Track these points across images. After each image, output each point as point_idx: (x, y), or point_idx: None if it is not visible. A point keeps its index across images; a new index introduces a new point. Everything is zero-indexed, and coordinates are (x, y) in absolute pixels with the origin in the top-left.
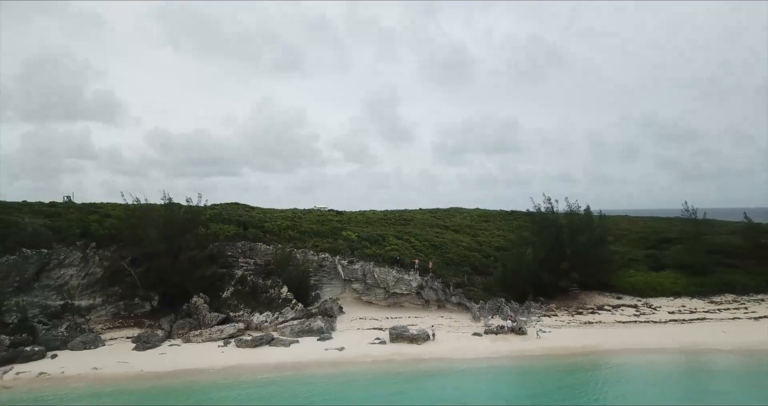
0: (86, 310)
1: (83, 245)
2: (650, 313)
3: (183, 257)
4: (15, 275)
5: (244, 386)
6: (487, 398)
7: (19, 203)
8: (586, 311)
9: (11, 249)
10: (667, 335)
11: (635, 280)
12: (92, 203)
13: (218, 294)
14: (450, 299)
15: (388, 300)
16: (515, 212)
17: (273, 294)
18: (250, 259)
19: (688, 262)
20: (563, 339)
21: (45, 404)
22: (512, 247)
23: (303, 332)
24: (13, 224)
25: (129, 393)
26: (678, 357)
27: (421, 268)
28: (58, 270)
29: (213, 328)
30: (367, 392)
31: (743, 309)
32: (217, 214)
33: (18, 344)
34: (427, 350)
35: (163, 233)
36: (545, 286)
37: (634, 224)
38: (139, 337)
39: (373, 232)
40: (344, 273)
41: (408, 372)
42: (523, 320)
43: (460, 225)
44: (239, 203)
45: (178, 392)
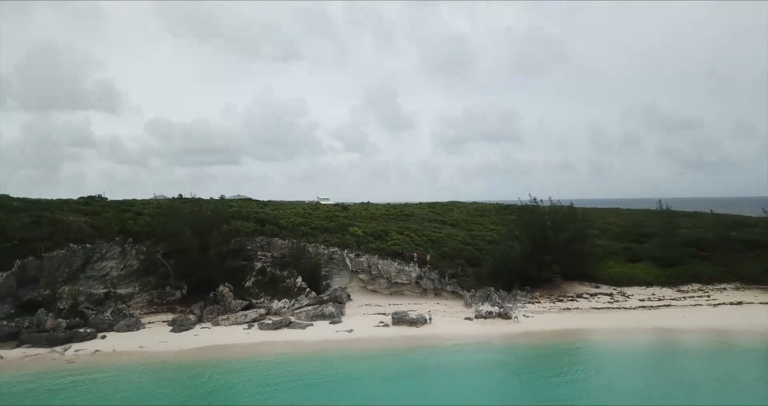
0: (127, 297)
1: (121, 241)
2: (623, 300)
3: (212, 251)
4: (64, 267)
5: (267, 360)
6: (474, 367)
7: (59, 201)
8: (567, 299)
9: (60, 244)
10: (633, 319)
11: (612, 271)
12: (123, 200)
13: (241, 283)
14: (445, 288)
15: (390, 289)
16: (510, 206)
17: (289, 283)
18: (268, 252)
19: (661, 255)
20: (543, 323)
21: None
22: (502, 241)
23: (316, 316)
24: (60, 222)
25: (171, 365)
26: (638, 336)
27: (420, 260)
28: (101, 262)
29: (238, 313)
30: (372, 365)
31: (706, 297)
32: (236, 212)
33: (73, 326)
34: (424, 332)
35: (193, 230)
36: (530, 276)
37: (620, 217)
38: (174, 321)
39: (377, 227)
40: (352, 265)
41: (408, 350)
42: (510, 306)
43: (457, 220)
44: (250, 198)
45: (211, 364)
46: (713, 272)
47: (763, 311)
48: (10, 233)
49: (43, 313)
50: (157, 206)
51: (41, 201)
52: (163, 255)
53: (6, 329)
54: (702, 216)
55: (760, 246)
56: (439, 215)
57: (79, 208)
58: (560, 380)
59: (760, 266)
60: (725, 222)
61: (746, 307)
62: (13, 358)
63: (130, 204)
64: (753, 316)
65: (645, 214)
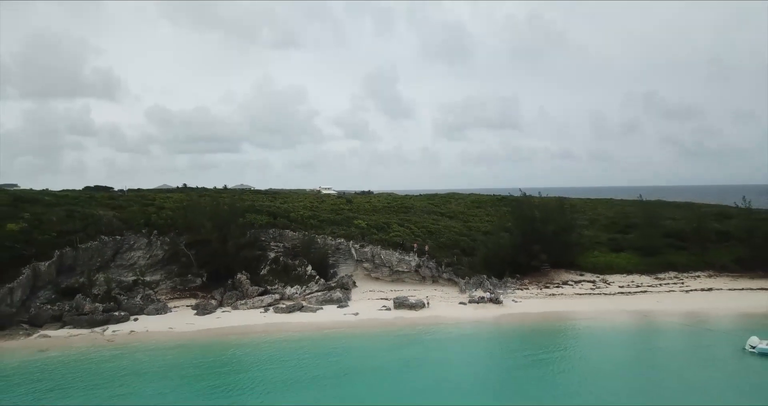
0: (153, 284)
1: (147, 233)
2: (604, 287)
3: (230, 242)
4: (97, 257)
5: (282, 339)
6: (466, 343)
7: (86, 196)
8: (553, 286)
9: (93, 236)
10: (611, 304)
11: (596, 260)
12: (142, 192)
13: (257, 271)
14: (442, 276)
15: (392, 276)
16: (506, 197)
17: (300, 271)
18: (280, 243)
19: (642, 245)
20: (530, 307)
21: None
22: (494, 232)
23: (325, 301)
24: (92, 216)
25: (198, 343)
26: (614, 318)
27: (419, 250)
28: (129, 253)
29: (255, 298)
30: (376, 342)
31: (680, 284)
32: (250, 205)
33: (108, 310)
34: (423, 314)
35: (213, 224)
36: (520, 265)
37: (610, 208)
38: (197, 305)
39: (380, 219)
40: (357, 255)
41: (408, 330)
42: (500, 292)
43: (454, 211)
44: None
45: (233, 341)
46: (688, 261)
47: (728, 297)
48: (48, 226)
49: (81, 298)
50: (178, 200)
51: (69, 195)
52: (185, 245)
53: (50, 312)
54: (691, 206)
55: (733, 237)
56: (438, 206)
57: (105, 202)
58: (542, 352)
59: (731, 255)
60: (708, 214)
61: (715, 293)
62: (59, 337)
63: (151, 198)
64: (718, 301)
65: (635, 204)
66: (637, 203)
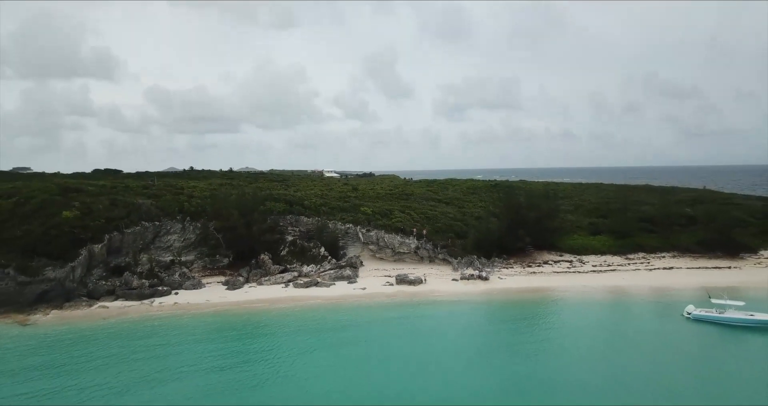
0: (188, 263)
1: (181, 219)
2: (579, 266)
3: (254, 228)
4: (139, 240)
5: (302, 309)
6: (456, 310)
7: (123, 186)
8: (535, 265)
9: (135, 222)
10: (583, 280)
11: (575, 242)
12: (168, 180)
13: (277, 252)
14: (438, 256)
15: (394, 257)
16: (498, 184)
17: (315, 252)
18: (296, 227)
19: (616, 229)
20: (513, 283)
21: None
22: (485, 217)
23: (337, 278)
24: (133, 205)
25: (232, 312)
26: (584, 292)
27: (418, 234)
28: (166, 236)
29: (276, 275)
30: (381, 312)
31: (646, 263)
32: (269, 194)
33: (153, 285)
34: (420, 289)
35: (239, 212)
36: (507, 246)
37: (596, 194)
38: (227, 281)
39: (383, 206)
40: (363, 238)
41: (408, 301)
42: (488, 270)
43: (451, 198)
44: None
45: (260, 310)
46: (656, 243)
47: (684, 274)
48: (97, 213)
49: (129, 275)
50: (203, 189)
51: (107, 185)
52: (214, 230)
53: (105, 287)
54: (670, 192)
55: (697, 222)
56: (436, 193)
57: (140, 191)
58: (519, 317)
59: (693, 238)
60: (684, 199)
61: (675, 271)
62: (115, 307)
63: (180, 187)
64: (675, 278)
65: (623, 189)
66: (616, 189)
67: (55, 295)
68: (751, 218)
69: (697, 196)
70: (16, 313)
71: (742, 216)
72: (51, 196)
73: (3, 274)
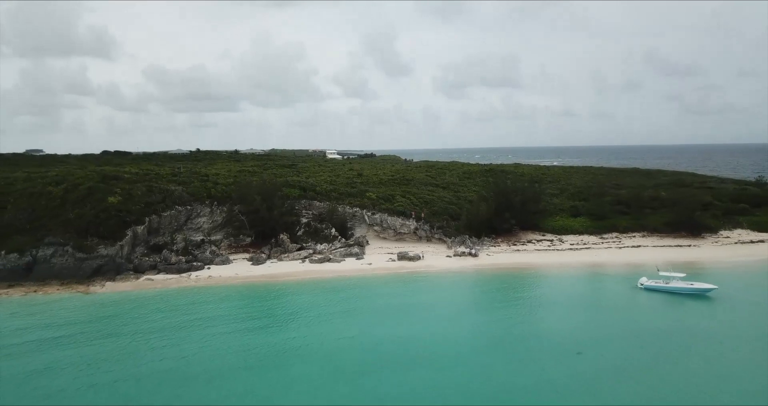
0: (217, 242)
1: (209, 203)
2: (559, 245)
3: (275, 211)
4: (174, 222)
5: (317, 280)
6: (449, 280)
7: (154, 174)
8: (519, 244)
9: (170, 207)
10: (560, 257)
11: (556, 223)
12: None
13: (294, 232)
14: (434, 236)
15: (396, 236)
16: (492, 169)
17: (327, 233)
18: (309, 211)
19: (593, 211)
20: (499, 259)
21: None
22: (476, 201)
23: (347, 255)
24: (167, 191)
25: (258, 283)
26: (561, 266)
27: (417, 217)
28: (197, 219)
29: (294, 253)
30: (384, 283)
31: (617, 242)
32: (285, 182)
33: (189, 261)
34: (419, 264)
35: (261, 197)
36: (495, 227)
37: (582, 179)
38: (251, 257)
39: (386, 192)
40: (369, 220)
41: (408, 274)
42: (478, 248)
43: (447, 183)
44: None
45: (282, 282)
46: (628, 224)
47: (649, 251)
48: (137, 198)
49: (168, 252)
50: (225, 175)
51: (140, 173)
52: (238, 212)
53: (148, 262)
54: (660, 174)
55: (667, 205)
56: (434, 178)
57: (170, 179)
58: (503, 286)
59: (661, 219)
60: (665, 182)
61: (641, 249)
62: (158, 280)
63: (205, 174)
64: (640, 255)
65: (611, 173)
66: (606, 172)
67: (108, 269)
68: (717, 201)
69: (677, 179)
70: (77, 284)
71: (709, 199)
72: (96, 183)
73: (63, 251)
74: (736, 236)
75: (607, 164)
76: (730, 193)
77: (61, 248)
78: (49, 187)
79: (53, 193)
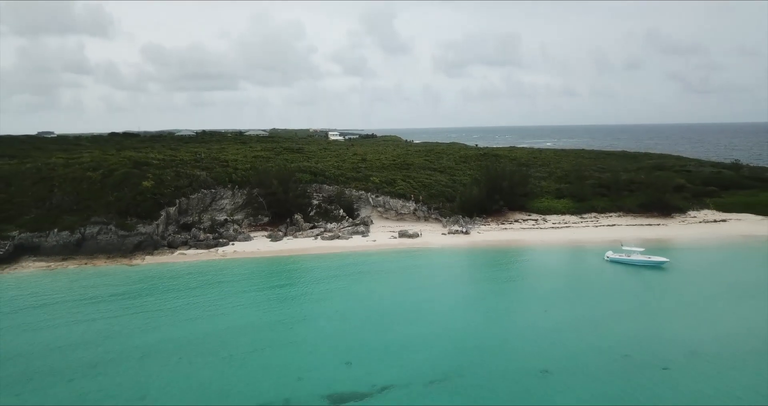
0: (238, 221)
1: (231, 187)
2: (542, 224)
3: (291, 194)
4: (200, 204)
5: (328, 253)
6: (445, 257)
7: (179, 160)
8: (507, 223)
9: (197, 190)
10: (542, 234)
11: (541, 205)
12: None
13: (307, 213)
14: (431, 216)
15: (397, 217)
16: (487, 153)
17: (336, 213)
18: (320, 194)
19: (575, 193)
20: (488, 236)
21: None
22: (469, 185)
23: (353, 233)
24: (193, 175)
25: (277, 256)
26: (543, 242)
27: (416, 199)
28: (220, 201)
29: (307, 231)
30: (387, 257)
31: (595, 222)
32: (297, 167)
33: (215, 238)
34: (418, 241)
35: (278, 181)
36: (486, 208)
37: (571, 162)
38: (270, 235)
39: (388, 176)
40: (373, 202)
41: (407, 249)
42: (470, 227)
43: (444, 167)
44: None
45: (298, 255)
46: (606, 205)
47: (622, 230)
48: (167, 183)
49: (196, 230)
50: (243, 161)
51: (166, 159)
52: (257, 195)
53: (180, 239)
54: (645, 157)
55: (643, 187)
56: (432, 163)
57: (194, 164)
58: (489, 258)
59: (636, 200)
60: (648, 166)
61: (615, 228)
62: (190, 254)
63: (225, 160)
64: (612, 232)
65: (599, 156)
66: (595, 155)
67: (146, 245)
68: (690, 184)
69: (660, 163)
70: (121, 257)
71: (682, 182)
72: (129, 169)
73: (107, 229)
74: (702, 216)
75: (603, 144)
76: (704, 177)
77: (105, 227)
78: (88, 172)
79: (93, 178)
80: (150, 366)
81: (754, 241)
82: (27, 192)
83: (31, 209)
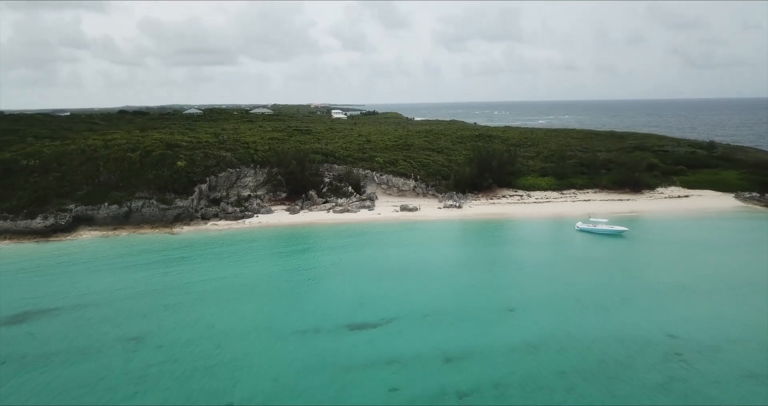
0: (260, 196)
1: (253, 166)
2: (527, 199)
3: (306, 172)
4: (227, 181)
5: (340, 224)
6: (440, 226)
7: (205, 141)
8: (495, 198)
9: (224, 169)
10: (526, 208)
11: (527, 182)
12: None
13: (320, 189)
14: (429, 192)
15: (398, 193)
16: (482, 134)
17: (345, 190)
18: (330, 172)
19: (557, 172)
20: (479, 210)
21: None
22: (462, 164)
23: (361, 207)
24: (221, 156)
25: (296, 226)
26: (526, 215)
27: (415, 177)
28: (244, 179)
29: (321, 205)
30: (390, 226)
31: (573, 197)
32: (310, 148)
33: (242, 211)
34: (417, 214)
35: (297, 161)
36: (477, 185)
37: (558, 143)
38: (289, 208)
39: (391, 156)
40: (377, 180)
41: (408, 220)
42: (463, 202)
43: (442, 147)
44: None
45: (314, 226)
46: (584, 182)
47: (596, 204)
48: (198, 162)
49: (225, 204)
50: (261, 143)
51: (193, 141)
52: (276, 173)
53: (212, 212)
54: (634, 136)
55: (618, 166)
56: (431, 143)
57: (219, 146)
58: (479, 227)
59: (611, 178)
60: (630, 146)
61: (590, 202)
62: (221, 224)
63: (245, 142)
64: (587, 207)
65: (587, 136)
66: (583, 135)
67: (184, 216)
68: (662, 163)
69: (641, 143)
70: (163, 228)
71: (655, 161)
72: (164, 150)
73: (150, 203)
74: (669, 192)
75: (596, 123)
76: (677, 157)
77: (148, 201)
78: (128, 153)
79: (132, 158)
80: (207, 305)
81: (707, 213)
82: (77, 171)
83: (83, 186)
